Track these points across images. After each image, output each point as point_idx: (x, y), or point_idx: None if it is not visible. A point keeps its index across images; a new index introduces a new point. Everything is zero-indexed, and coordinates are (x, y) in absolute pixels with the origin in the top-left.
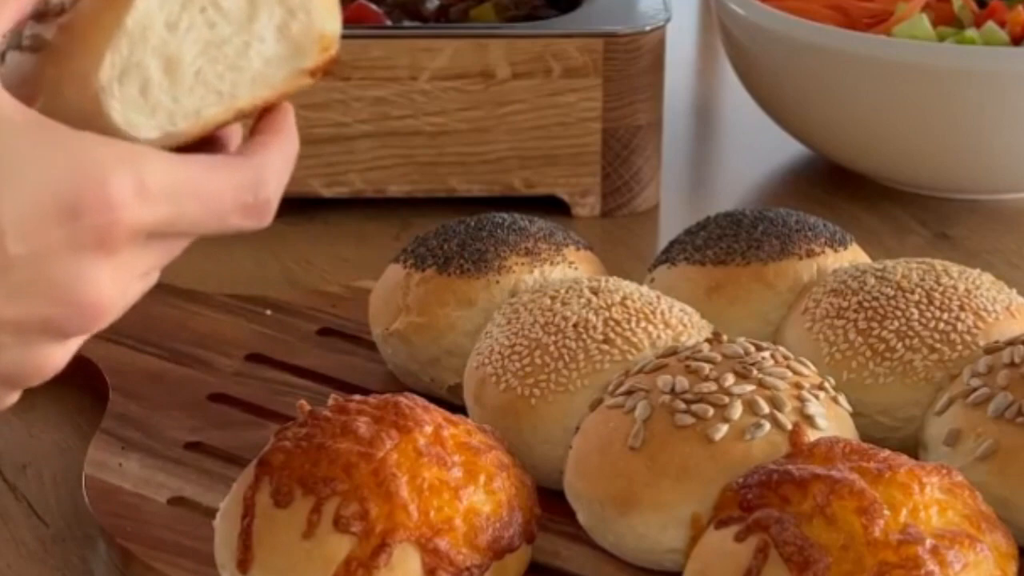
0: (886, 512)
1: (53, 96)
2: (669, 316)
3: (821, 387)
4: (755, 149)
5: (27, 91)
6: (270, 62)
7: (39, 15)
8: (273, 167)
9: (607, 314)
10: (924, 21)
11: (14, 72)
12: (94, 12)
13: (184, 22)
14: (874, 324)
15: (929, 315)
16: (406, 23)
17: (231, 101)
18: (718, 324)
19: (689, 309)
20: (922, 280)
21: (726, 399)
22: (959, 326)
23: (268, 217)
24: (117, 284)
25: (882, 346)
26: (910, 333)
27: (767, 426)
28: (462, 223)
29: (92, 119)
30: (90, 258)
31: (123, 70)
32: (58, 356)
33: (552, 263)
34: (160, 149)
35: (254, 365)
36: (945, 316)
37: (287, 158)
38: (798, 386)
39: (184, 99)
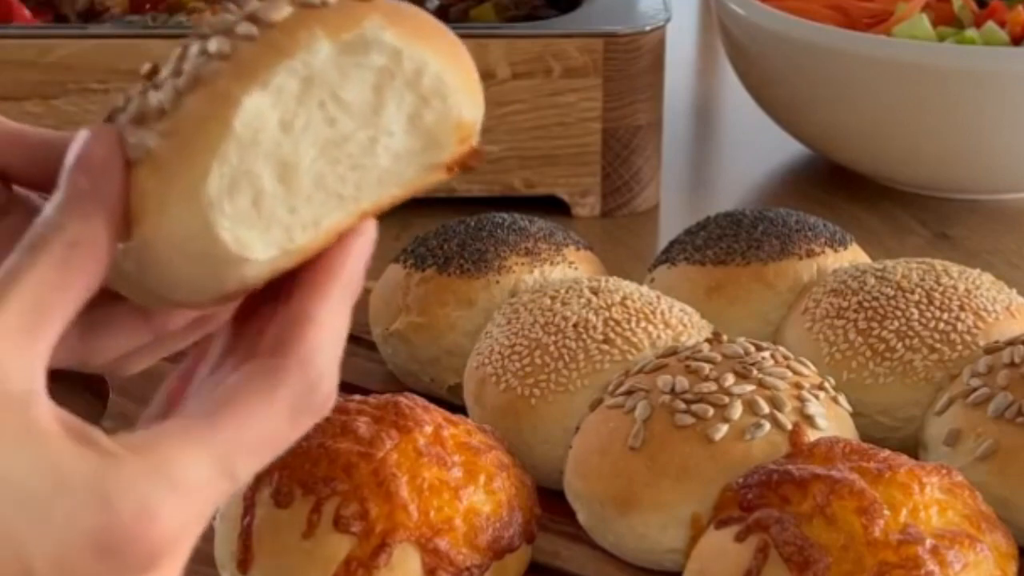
0: (886, 512)
1: (158, 214)
2: (669, 316)
3: (821, 387)
4: (755, 149)
5: (131, 208)
6: (400, 157)
7: (139, 118)
8: (325, 353)
9: (607, 314)
10: (924, 21)
11: None
12: (198, 115)
13: (300, 120)
14: (874, 324)
15: (929, 315)
16: None
17: (355, 205)
18: (718, 324)
19: (689, 309)
20: (922, 280)
21: (726, 399)
22: (959, 326)
23: (328, 408)
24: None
25: (882, 346)
26: (910, 333)
27: (767, 426)
28: (462, 223)
29: (199, 238)
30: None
31: (232, 181)
32: None
33: (552, 263)
34: (186, 434)
35: None
36: (945, 316)
37: (340, 326)
38: (798, 386)
39: (302, 209)
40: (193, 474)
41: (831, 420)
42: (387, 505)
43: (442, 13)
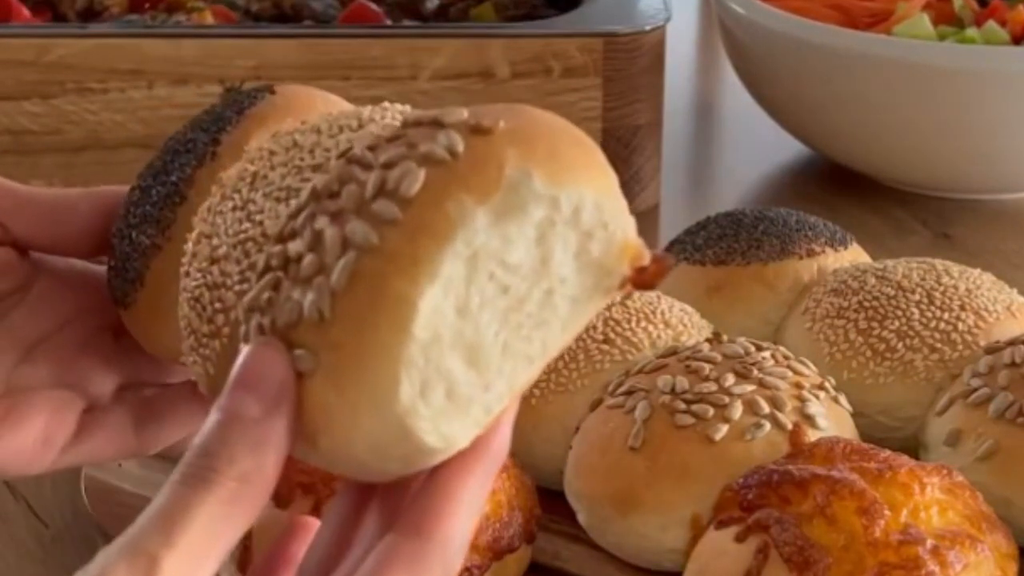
0: (887, 512)
1: (348, 429)
2: (669, 316)
3: (821, 387)
4: (755, 149)
5: (308, 421)
6: (577, 300)
7: (293, 324)
8: (464, 532)
9: (607, 314)
10: (925, 20)
11: None
12: (371, 323)
13: (475, 299)
14: (875, 324)
15: (930, 315)
16: (406, 22)
17: (543, 359)
18: (718, 324)
19: (689, 309)
20: (923, 280)
21: (726, 399)
22: (960, 326)
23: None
24: None
25: (883, 346)
26: (911, 333)
27: (767, 426)
28: None
29: (398, 444)
30: None
31: (424, 382)
32: None
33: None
34: None
35: None
36: (946, 316)
37: (482, 498)
38: (798, 386)
39: (495, 382)
40: None
41: (831, 420)
42: None
43: (442, 12)
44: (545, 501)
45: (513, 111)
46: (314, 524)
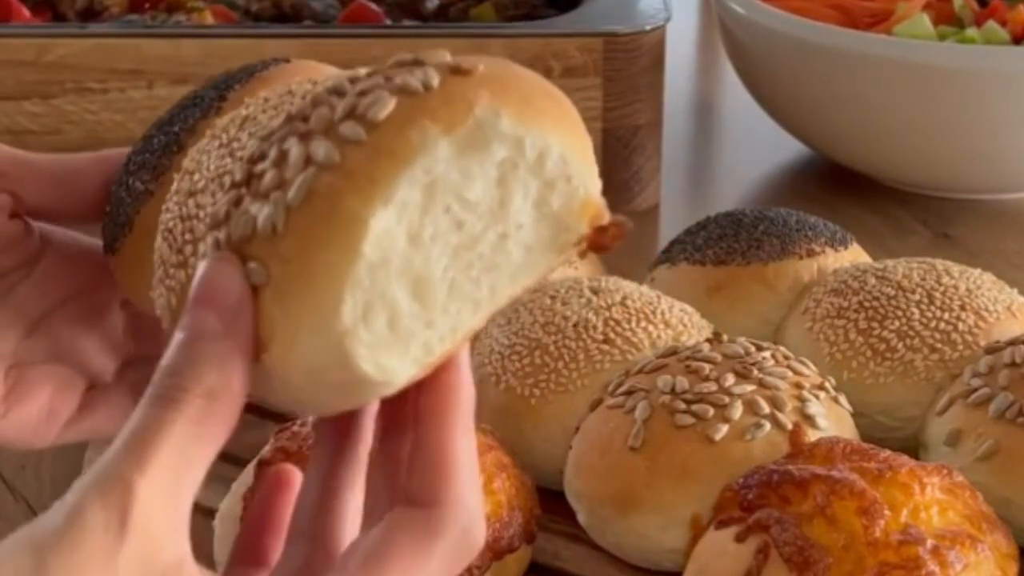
0: (887, 512)
1: (288, 344)
2: (669, 316)
3: (821, 387)
4: (755, 149)
5: (258, 336)
6: (532, 248)
7: (247, 238)
8: (472, 490)
9: (607, 314)
10: (925, 20)
11: None
12: (321, 239)
13: (428, 230)
14: (875, 324)
15: (930, 315)
16: (406, 22)
17: (491, 305)
18: (718, 324)
19: (689, 309)
20: (923, 280)
21: (726, 399)
22: (960, 326)
23: (481, 544)
24: None
25: (883, 346)
26: (911, 333)
27: (767, 426)
28: None
29: (335, 368)
30: None
31: (367, 305)
32: None
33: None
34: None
35: None
36: (946, 316)
37: (473, 451)
38: (798, 386)
39: (439, 320)
40: None
41: (831, 420)
42: None
43: (442, 12)
44: (545, 501)
45: (496, 61)
46: (298, 476)
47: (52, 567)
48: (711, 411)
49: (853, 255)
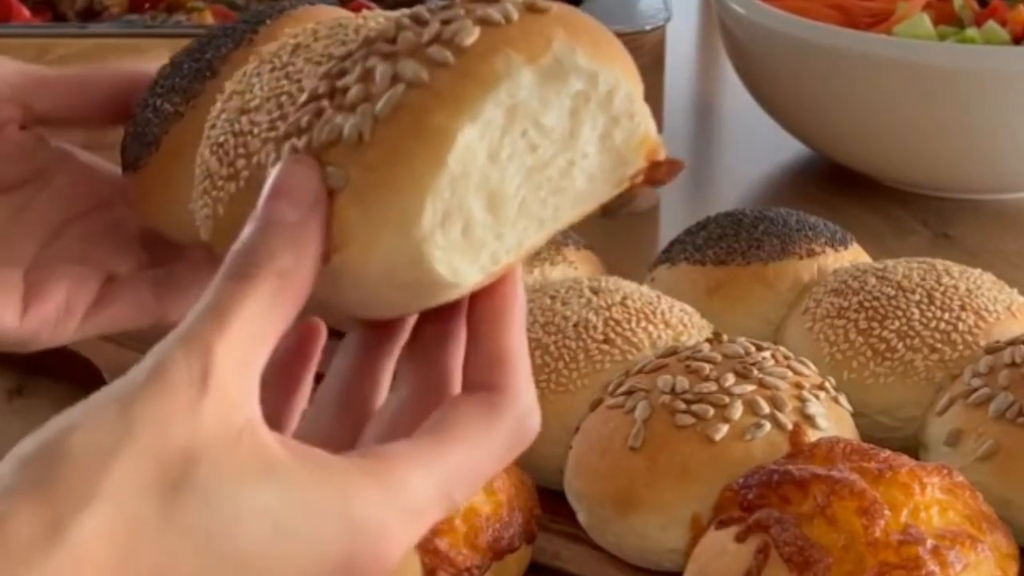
0: (887, 512)
1: (364, 246)
2: (669, 316)
3: (822, 387)
4: (755, 149)
5: (331, 234)
6: (594, 177)
7: (331, 143)
8: (530, 386)
9: (607, 314)
10: (925, 20)
11: None
12: (407, 150)
13: (506, 150)
14: (875, 324)
15: (930, 315)
16: None
17: (553, 225)
18: (718, 324)
19: (689, 309)
20: (923, 280)
21: (726, 399)
22: (960, 326)
23: (529, 443)
24: None
25: (883, 346)
26: (911, 333)
27: (767, 426)
28: None
29: (410, 269)
30: None
31: (445, 214)
32: None
33: (552, 263)
34: (413, 457)
35: None
36: (946, 316)
37: (527, 363)
38: (799, 386)
39: (507, 234)
40: (423, 497)
41: (831, 420)
42: None
43: None
44: (545, 501)
45: (564, 6)
46: (323, 330)
47: (138, 419)
48: (711, 411)
49: (853, 255)
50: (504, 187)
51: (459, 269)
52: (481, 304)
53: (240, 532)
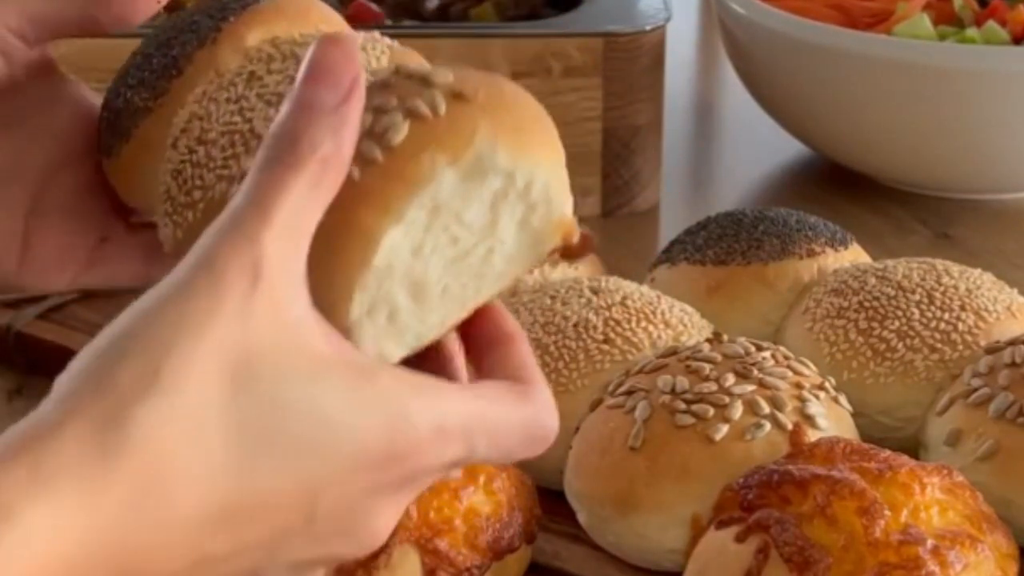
0: (887, 512)
1: None
2: (669, 316)
3: (822, 387)
4: (755, 149)
5: None
6: (512, 258)
7: None
8: (549, 397)
9: (607, 314)
10: (925, 20)
11: None
12: (335, 245)
13: (428, 244)
14: (875, 324)
15: (930, 315)
16: (406, 23)
17: (474, 302)
18: (718, 324)
19: (689, 309)
20: (923, 280)
21: (726, 399)
22: (960, 326)
23: (548, 444)
24: (395, 518)
25: (883, 346)
26: (911, 333)
27: (767, 426)
28: None
29: None
30: (386, 500)
31: (372, 304)
32: None
33: (552, 263)
34: (450, 385)
35: None
36: (946, 316)
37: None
38: (799, 386)
39: (431, 316)
40: (452, 424)
41: (831, 420)
42: None
43: (442, 12)
44: (545, 501)
45: (490, 82)
46: None
47: (192, 313)
48: (711, 411)
49: (853, 255)
50: (427, 277)
51: (385, 350)
52: (487, 336)
53: (293, 424)
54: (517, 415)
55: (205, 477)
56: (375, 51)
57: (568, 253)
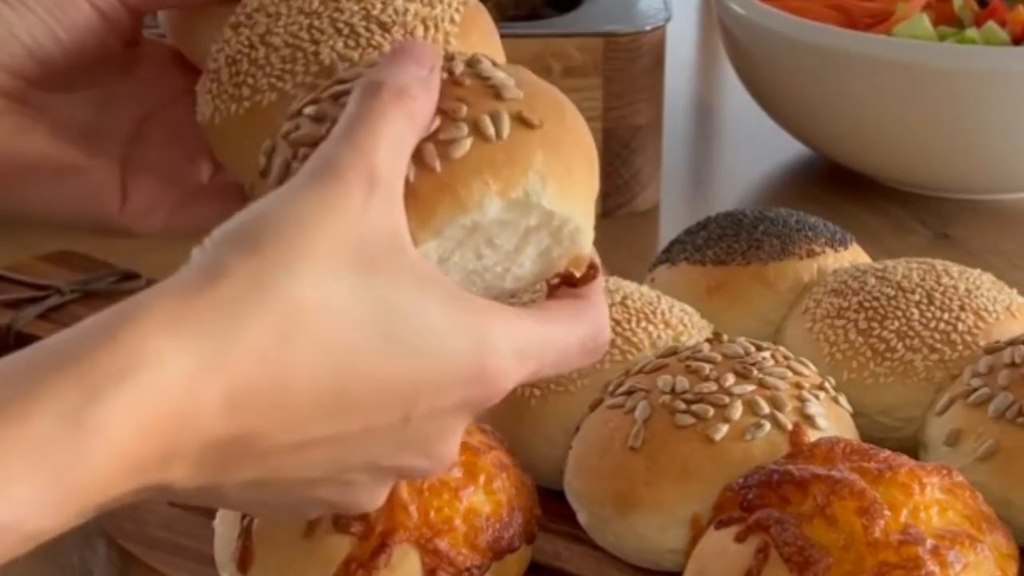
0: (886, 512)
1: None
2: (669, 316)
3: (821, 387)
4: (755, 149)
5: None
6: (522, 279)
7: None
8: (605, 311)
9: None
10: (924, 21)
11: None
12: None
13: (456, 256)
14: (875, 324)
15: (930, 315)
16: None
17: None
18: (718, 324)
19: (689, 309)
20: (922, 280)
21: (726, 399)
22: (960, 326)
23: (602, 353)
24: (458, 444)
25: (883, 346)
26: (910, 333)
27: (767, 426)
28: None
29: None
30: (461, 422)
31: None
32: (384, 495)
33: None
34: (524, 311)
35: None
36: (946, 316)
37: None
38: (798, 386)
39: None
40: (528, 348)
41: (831, 420)
42: (387, 505)
43: None
44: (545, 501)
45: (555, 107)
46: None
47: (319, 206)
48: (711, 411)
49: (853, 255)
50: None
51: None
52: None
53: (403, 326)
54: (578, 333)
55: (330, 350)
56: (450, 7)
57: (570, 281)
